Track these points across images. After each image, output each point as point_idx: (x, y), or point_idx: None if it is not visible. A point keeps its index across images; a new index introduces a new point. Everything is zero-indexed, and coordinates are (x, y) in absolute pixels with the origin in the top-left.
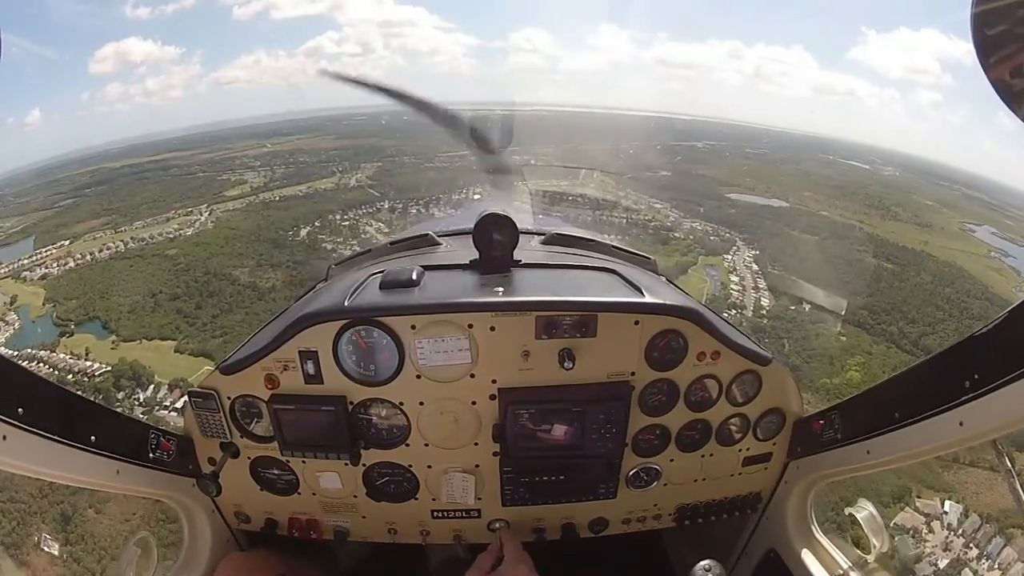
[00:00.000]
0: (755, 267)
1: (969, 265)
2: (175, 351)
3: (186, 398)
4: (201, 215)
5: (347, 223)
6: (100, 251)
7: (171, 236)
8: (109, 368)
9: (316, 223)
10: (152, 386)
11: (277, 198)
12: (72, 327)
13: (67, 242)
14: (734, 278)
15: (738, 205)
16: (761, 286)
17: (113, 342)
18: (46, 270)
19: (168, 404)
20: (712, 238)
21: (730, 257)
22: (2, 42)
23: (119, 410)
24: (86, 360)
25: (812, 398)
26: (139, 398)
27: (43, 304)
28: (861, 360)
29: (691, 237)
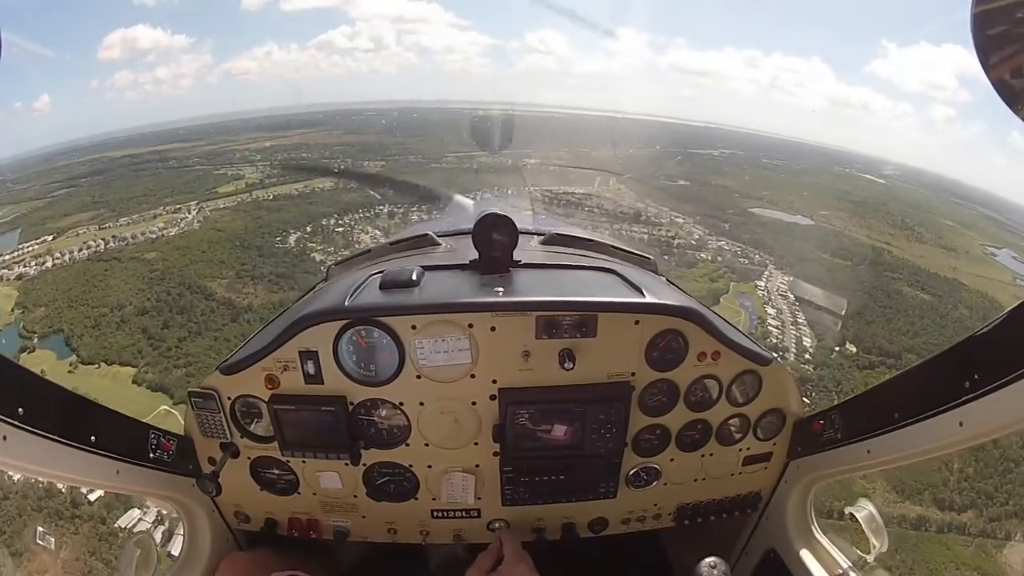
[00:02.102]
0: (791, 296)
1: (998, 294)
2: (133, 381)
3: (187, 398)
4: (189, 213)
5: (341, 229)
6: (80, 250)
7: (154, 236)
8: None
9: (308, 228)
10: None
11: (271, 196)
12: (35, 341)
13: (50, 237)
14: (770, 310)
15: (764, 222)
16: (800, 321)
17: (72, 364)
18: (23, 269)
19: None
20: (741, 260)
21: (763, 284)
22: (2, 41)
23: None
24: None
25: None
26: None
27: (12, 310)
28: None
29: (719, 259)
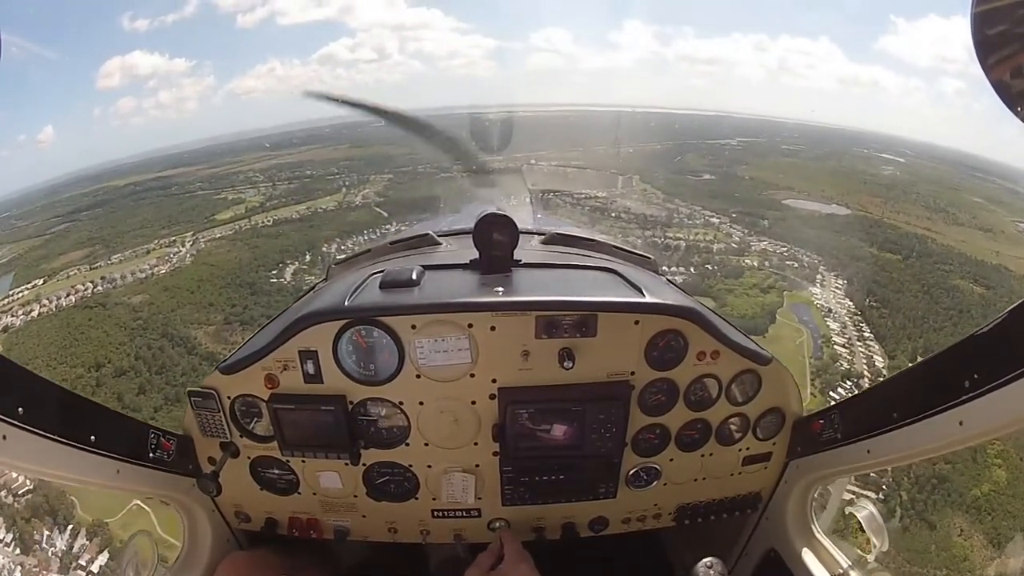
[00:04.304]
0: (851, 304)
1: None
2: None
3: (187, 398)
4: (183, 246)
5: (343, 256)
6: (68, 295)
7: (143, 276)
8: (31, 490)
9: (307, 256)
10: (70, 528)
11: (271, 221)
12: None
13: (41, 281)
14: (832, 324)
15: (801, 215)
16: (867, 335)
17: None
18: (10, 319)
19: (84, 563)
20: (790, 263)
21: (818, 290)
22: (2, 42)
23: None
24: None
25: (964, 520)
26: (56, 546)
27: None
28: (999, 447)
29: (766, 264)
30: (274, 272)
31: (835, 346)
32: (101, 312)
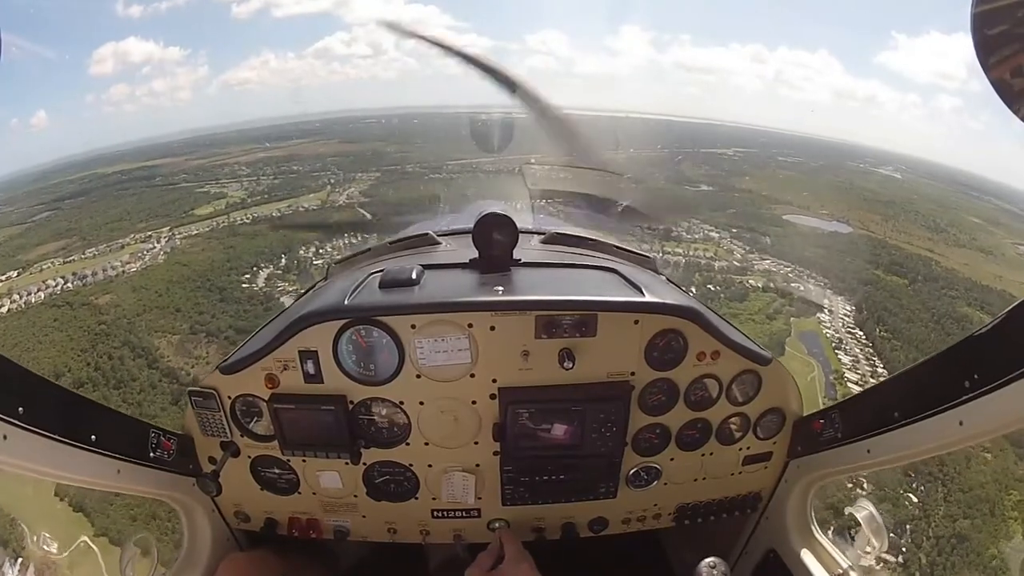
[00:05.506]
0: (861, 334)
1: None
2: (55, 493)
3: (187, 397)
4: (158, 242)
5: (320, 261)
6: (38, 290)
7: (114, 273)
8: None
9: (283, 259)
10: (19, 562)
11: (249, 219)
12: None
13: (15, 273)
14: (844, 358)
15: (802, 232)
16: (880, 371)
17: None
18: None
19: None
20: (795, 285)
21: (826, 317)
22: (2, 42)
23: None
24: None
25: None
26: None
27: None
28: (1018, 498)
29: (771, 285)
30: (247, 276)
31: (848, 383)
32: (68, 312)
